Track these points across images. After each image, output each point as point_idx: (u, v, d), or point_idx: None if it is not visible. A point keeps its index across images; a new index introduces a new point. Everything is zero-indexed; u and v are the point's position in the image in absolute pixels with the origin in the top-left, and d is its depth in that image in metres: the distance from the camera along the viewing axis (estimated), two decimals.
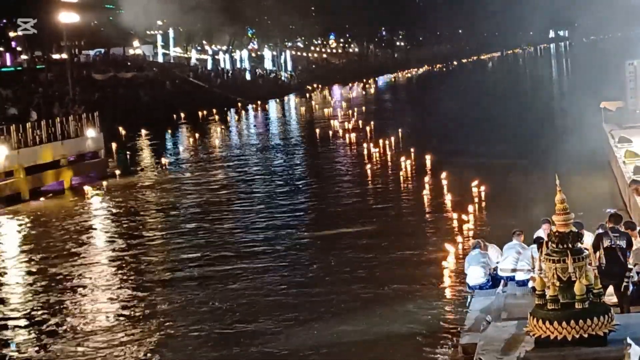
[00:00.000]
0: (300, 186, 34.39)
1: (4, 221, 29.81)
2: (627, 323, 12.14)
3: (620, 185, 25.95)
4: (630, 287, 13.75)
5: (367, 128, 50.64)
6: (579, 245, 12.09)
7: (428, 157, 35.54)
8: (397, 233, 24.24)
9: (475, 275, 15.99)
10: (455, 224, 24.61)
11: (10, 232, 28.33)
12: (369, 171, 36.58)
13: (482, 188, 28.23)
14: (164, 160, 43.28)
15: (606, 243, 13.64)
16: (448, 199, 27.97)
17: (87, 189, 35.11)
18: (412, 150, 37.62)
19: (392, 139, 43.23)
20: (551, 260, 11.96)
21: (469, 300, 15.59)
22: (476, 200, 27.37)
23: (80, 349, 16.60)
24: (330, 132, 53.45)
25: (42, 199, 33.41)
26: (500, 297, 15.13)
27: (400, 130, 45.92)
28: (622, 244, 13.66)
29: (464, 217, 24.94)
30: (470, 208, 25.95)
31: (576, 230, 12.24)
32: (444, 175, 30.96)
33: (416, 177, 32.89)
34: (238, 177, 37.71)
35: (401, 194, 30.94)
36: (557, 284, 11.87)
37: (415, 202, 28.99)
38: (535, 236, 16.15)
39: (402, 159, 36.50)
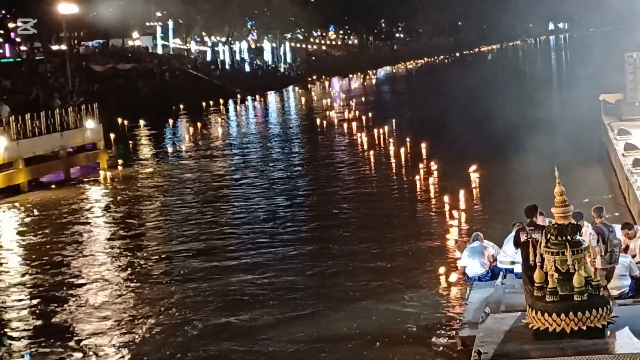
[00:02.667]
0: (298, 176, 34.40)
1: (3, 212, 29.83)
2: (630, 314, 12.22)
3: (619, 177, 25.95)
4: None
5: (366, 119, 50.72)
6: (578, 237, 12.12)
7: (425, 147, 35.70)
8: (394, 223, 24.24)
9: (475, 267, 16.04)
10: (453, 214, 24.60)
11: (10, 222, 28.33)
12: (366, 160, 36.74)
13: (480, 179, 28.26)
14: (163, 151, 43.20)
15: (523, 237, 13.77)
16: (445, 188, 27.88)
17: (86, 179, 35.19)
18: (409, 139, 37.75)
19: (389, 129, 43.31)
20: (550, 253, 11.99)
21: (467, 292, 15.61)
22: (474, 191, 27.40)
23: (81, 330, 16.72)
24: (330, 123, 53.54)
25: (42, 189, 33.43)
26: (499, 289, 15.15)
27: (396, 120, 46.06)
28: (537, 237, 13.70)
29: (461, 207, 24.97)
30: (469, 199, 25.96)
31: (575, 223, 12.27)
32: (441, 164, 31.04)
33: (413, 166, 32.79)
34: (237, 166, 37.83)
35: (399, 183, 30.94)
36: (556, 276, 11.90)
37: (413, 192, 29.00)
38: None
39: (395, 147, 36.72)
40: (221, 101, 73.94)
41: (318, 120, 55.04)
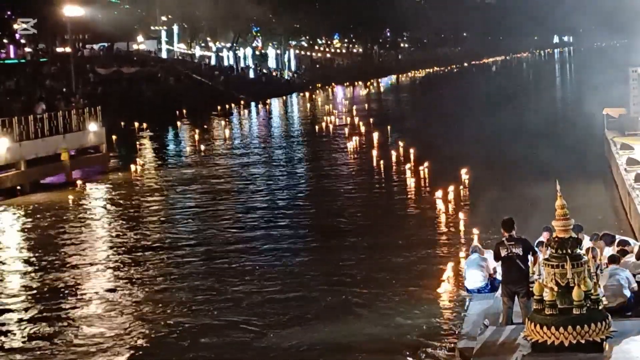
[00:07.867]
0: (300, 182, 34.42)
1: (4, 213, 29.82)
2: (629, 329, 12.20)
3: (621, 192, 25.94)
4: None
5: (367, 125, 50.79)
6: (578, 250, 12.10)
7: (423, 153, 35.91)
8: (393, 232, 24.19)
9: (474, 278, 15.98)
10: (455, 224, 24.58)
11: (10, 223, 28.32)
12: (364, 166, 37.03)
13: (480, 189, 28.25)
14: (164, 154, 43.20)
15: (503, 252, 13.82)
16: (446, 197, 27.83)
17: (88, 182, 35.22)
18: (411, 148, 37.87)
19: (392, 136, 43.36)
20: (550, 266, 11.97)
21: (467, 303, 15.57)
22: (475, 204, 27.36)
23: (78, 335, 16.69)
24: (332, 130, 53.66)
25: (43, 191, 33.44)
26: (499, 301, 15.10)
27: (398, 127, 46.19)
28: (518, 252, 13.73)
29: (463, 218, 24.94)
30: (469, 209, 25.94)
31: (575, 236, 12.24)
32: (438, 170, 31.17)
33: (414, 174, 32.87)
34: (238, 171, 37.91)
35: (400, 190, 30.95)
36: (556, 289, 11.87)
37: (416, 200, 29.01)
38: (537, 242, 16.14)
39: (392, 154, 36.85)
40: (225, 107, 74.03)
41: (321, 126, 55.22)
